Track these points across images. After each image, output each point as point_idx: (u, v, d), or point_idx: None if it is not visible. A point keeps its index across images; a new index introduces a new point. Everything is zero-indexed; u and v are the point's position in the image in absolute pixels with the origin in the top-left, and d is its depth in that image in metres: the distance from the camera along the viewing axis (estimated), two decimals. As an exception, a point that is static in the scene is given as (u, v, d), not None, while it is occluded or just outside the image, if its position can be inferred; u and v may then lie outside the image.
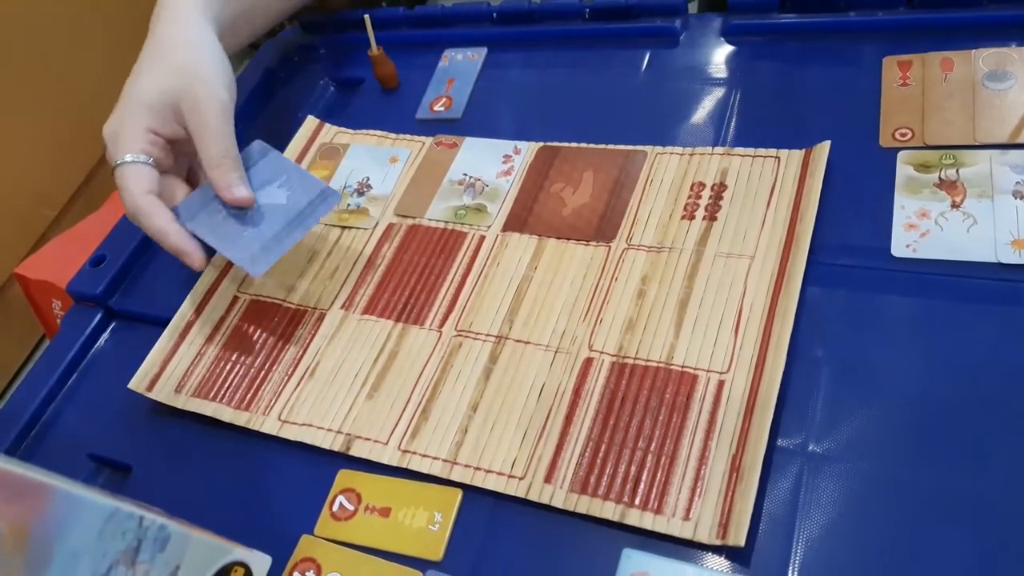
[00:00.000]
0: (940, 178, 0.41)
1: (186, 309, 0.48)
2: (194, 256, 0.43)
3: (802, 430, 0.35)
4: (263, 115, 0.61)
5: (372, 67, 0.57)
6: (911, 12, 0.48)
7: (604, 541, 0.34)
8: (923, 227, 0.39)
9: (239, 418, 0.42)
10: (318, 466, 0.40)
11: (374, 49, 0.56)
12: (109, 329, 0.51)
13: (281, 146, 0.56)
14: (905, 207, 0.41)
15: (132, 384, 0.45)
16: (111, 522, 0.28)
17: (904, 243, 0.39)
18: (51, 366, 0.49)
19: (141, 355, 0.46)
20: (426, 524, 0.37)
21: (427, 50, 0.59)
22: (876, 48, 0.48)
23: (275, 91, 0.62)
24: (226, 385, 0.44)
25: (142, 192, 0.43)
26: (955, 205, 0.40)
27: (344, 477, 0.39)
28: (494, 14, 0.58)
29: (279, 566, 0.37)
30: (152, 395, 0.44)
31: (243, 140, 0.59)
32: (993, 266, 0.37)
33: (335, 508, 0.38)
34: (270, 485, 0.40)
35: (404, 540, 0.37)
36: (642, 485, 0.35)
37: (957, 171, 0.41)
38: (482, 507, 0.37)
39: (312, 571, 0.36)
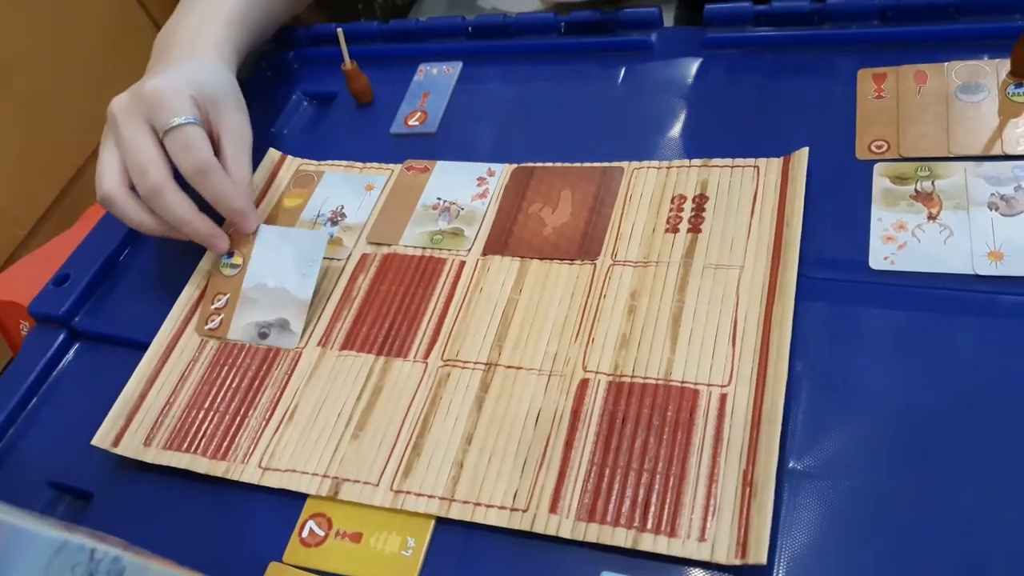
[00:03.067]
0: (916, 190, 0.41)
1: (152, 354, 0.45)
2: (222, 240, 0.46)
3: (782, 447, 0.34)
4: (235, 130, 0.60)
5: (346, 81, 0.57)
6: (885, 26, 0.48)
7: (581, 563, 0.33)
8: (900, 239, 0.39)
9: (216, 468, 0.40)
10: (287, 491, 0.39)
11: (347, 63, 0.56)
12: (72, 350, 0.49)
13: (252, 162, 0.54)
14: (882, 219, 0.40)
15: (96, 440, 0.42)
16: (60, 556, 0.26)
17: (882, 255, 0.39)
18: (11, 389, 0.47)
19: (106, 377, 0.44)
20: (399, 549, 0.35)
21: (402, 64, 0.59)
22: (851, 61, 0.48)
23: (247, 105, 0.61)
24: (200, 434, 0.41)
25: (210, 151, 0.44)
26: (931, 217, 0.40)
27: (314, 502, 0.38)
28: (469, 28, 0.58)
29: (246, 596, 0.35)
30: (118, 451, 0.41)
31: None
32: (970, 278, 0.37)
33: (305, 534, 0.37)
34: (237, 510, 0.39)
35: (376, 566, 0.35)
36: (652, 508, 0.34)
37: (933, 183, 0.41)
38: (456, 532, 0.36)
39: (280, 601, 0.35)
